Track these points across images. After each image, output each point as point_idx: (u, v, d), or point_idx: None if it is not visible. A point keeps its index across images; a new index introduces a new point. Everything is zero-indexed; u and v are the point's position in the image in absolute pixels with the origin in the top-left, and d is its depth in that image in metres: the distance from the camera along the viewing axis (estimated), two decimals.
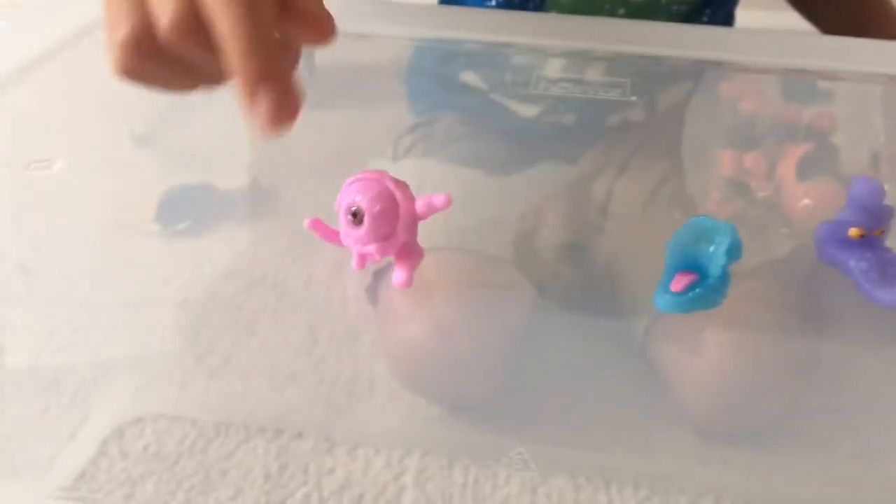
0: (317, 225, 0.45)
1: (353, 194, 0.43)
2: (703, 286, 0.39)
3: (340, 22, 0.38)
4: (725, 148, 0.58)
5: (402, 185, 0.43)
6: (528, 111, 0.62)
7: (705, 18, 0.75)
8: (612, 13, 0.70)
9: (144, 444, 0.42)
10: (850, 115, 0.61)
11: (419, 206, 0.42)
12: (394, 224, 0.42)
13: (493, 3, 0.73)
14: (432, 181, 0.59)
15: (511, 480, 0.41)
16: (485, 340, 0.46)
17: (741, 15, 0.83)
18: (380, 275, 0.50)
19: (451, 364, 0.45)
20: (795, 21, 0.85)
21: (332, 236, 0.45)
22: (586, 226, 0.56)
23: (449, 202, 0.42)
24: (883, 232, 0.42)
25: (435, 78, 0.68)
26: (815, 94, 0.61)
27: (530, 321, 0.48)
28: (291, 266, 0.52)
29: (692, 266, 0.40)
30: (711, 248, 0.40)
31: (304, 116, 0.65)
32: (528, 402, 0.44)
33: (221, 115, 0.66)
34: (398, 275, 0.43)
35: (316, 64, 0.69)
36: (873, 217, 0.41)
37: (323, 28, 0.38)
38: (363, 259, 0.44)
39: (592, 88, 0.60)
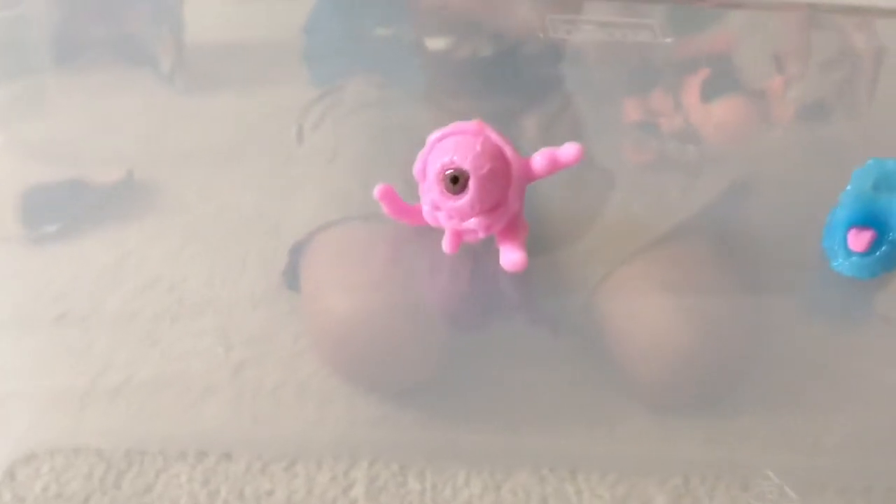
0: (388, 195, 0.36)
1: (447, 153, 0.33)
2: (890, 243, 0.34)
3: None
4: (628, 96, 0.56)
5: (507, 140, 0.34)
6: (438, 44, 0.58)
7: None
8: None
9: (43, 485, 0.36)
10: (748, 35, 0.61)
11: (538, 162, 0.33)
12: (505, 189, 0.34)
13: None
14: (348, 156, 0.55)
15: (472, 481, 0.37)
16: (421, 316, 0.42)
17: None
18: (298, 251, 0.45)
19: (387, 343, 0.41)
20: None
21: (408, 212, 0.37)
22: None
23: (580, 153, 0.34)
24: None
25: (335, 37, 0.62)
26: (709, 20, 0.61)
27: (474, 294, 0.45)
28: (189, 265, 0.47)
29: (867, 219, 0.35)
30: None
31: (178, 101, 0.59)
32: (477, 391, 0.40)
33: (83, 101, 0.59)
34: (512, 255, 0.35)
35: (186, 42, 0.63)
36: None
37: None
38: (459, 237, 0.35)
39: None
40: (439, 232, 0.38)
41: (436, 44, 0.58)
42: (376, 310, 0.41)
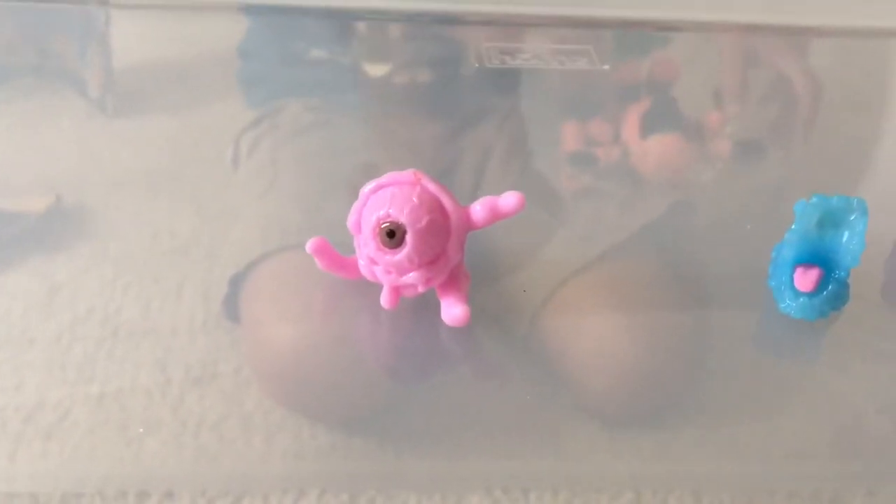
0: (321, 249, 0.34)
1: (382, 205, 0.32)
2: (837, 281, 0.34)
3: None
4: (568, 120, 0.56)
5: (445, 189, 0.33)
6: (378, 70, 0.57)
7: None
8: None
9: None
10: (688, 60, 0.62)
11: (478, 213, 0.33)
12: (445, 242, 0.33)
13: None
14: (286, 182, 0.54)
15: None
16: (368, 338, 0.42)
17: None
18: (237, 281, 0.44)
19: (331, 373, 0.40)
20: None
21: (344, 266, 0.35)
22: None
23: (521, 203, 0.33)
24: None
25: (270, 60, 0.61)
26: (652, 44, 0.61)
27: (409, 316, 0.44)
28: (123, 295, 0.45)
29: (812, 257, 0.34)
30: (846, 236, 0.34)
31: (108, 126, 0.58)
32: (426, 415, 0.40)
33: (8, 128, 0.57)
34: (453, 310, 0.34)
35: (115, 64, 0.62)
36: None
37: None
38: (397, 293, 0.34)
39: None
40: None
41: (376, 70, 0.58)
42: (319, 340, 0.40)
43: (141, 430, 0.37)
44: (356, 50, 0.60)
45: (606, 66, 0.56)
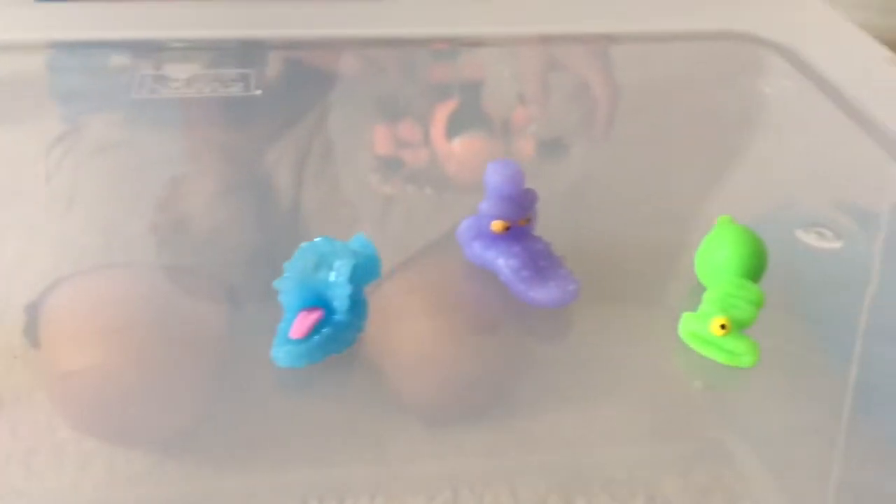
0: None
1: None
2: (331, 324, 0.34)
3: None
4: (377, 123, 0.56)
5: None
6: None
7: None
8: None
9: None
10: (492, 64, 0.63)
11: None
12: None
13: None
14: (87, 201, 0.53)
15: None
16: (169, 365, 0.41)
17: None
18: (34, 308, 0.43)
19: (136, 396, 0.40)
20: None
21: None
22: (266, 219, 0.53)
23: None
24: (529, 220, 0.39)
25: (77, 72, 0.60)
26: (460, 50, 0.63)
27: (226, 333, 0.44)
28: None
29: (314, 300, 0.35)
30: (332, 277, 0.34)
31: None
32: (241, 431, 0.39)
33: None
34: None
35: None
36: (515, 205, 0.38)
37: None
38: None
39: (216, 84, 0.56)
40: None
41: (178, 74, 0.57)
42: (120, 362, 0.39)
43: None
44: (158, 58, 0.60)
45: (259, 92, 0.56)
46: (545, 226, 0.40)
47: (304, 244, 0.36)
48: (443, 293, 0.44)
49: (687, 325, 0.38)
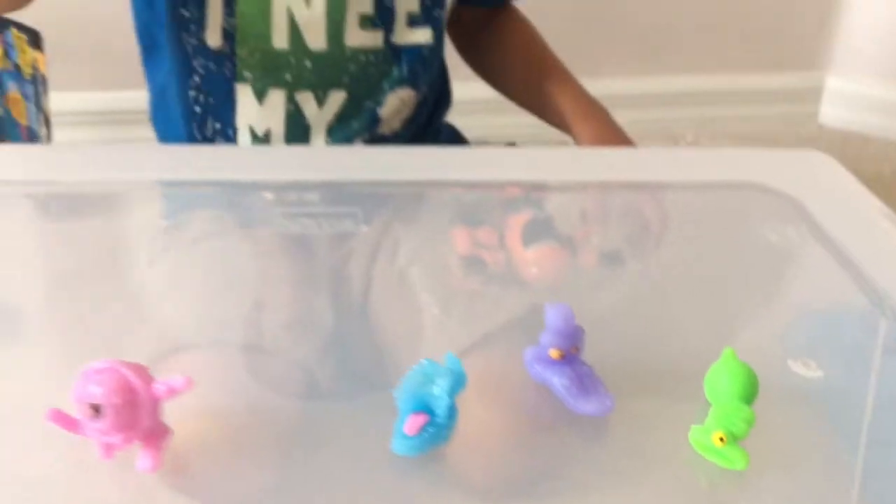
0: (57, 417, 0.43)
1: (88, 386, 0.42)
2: (434, 425, 0.45)
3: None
4: (459, 225, 0.66)
5: (139, 370, 0.43)
6: (268, 215, 0.68)
7: (401, 68, 0.80)
8: (298, 65, 0.76)
9: None
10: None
11: (159, 389, 0.43)
12: (136, 412, 0.42)
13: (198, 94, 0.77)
14: (191, 280, 0.63)
15: None
16: (258, 429, 0.49)
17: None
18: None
19: (228, 460, 0.47)
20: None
21: (75, 426, 0.43)
22: (347, 310, 0.62)
23: (190, 384, 0.43)
24: (577, 350, 0.49)
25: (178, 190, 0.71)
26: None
27: (302, 408, 0.53)
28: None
29: (422, 406, 0.45)
30: (436, 391, 0.45)
31: (40, 227, 0.65)
32: (312, 491, 0.46)
33: None
34: (144, 461, 0.43)
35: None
36: (567, 339, 0.49)
37: None
38: (110, 449, 0.43)
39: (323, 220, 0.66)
40: None
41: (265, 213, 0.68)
42: (212, 431, 0.48)
43: None
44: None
45: (365, 228, 0.65)
46: (590, 350, 0.51)
47: (415, 365, 0.47)
48: (507, 395, 0.53)
49: (694, 435, 0.49)
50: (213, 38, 0.74)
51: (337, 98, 0.77)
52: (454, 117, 0.93)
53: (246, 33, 0.73)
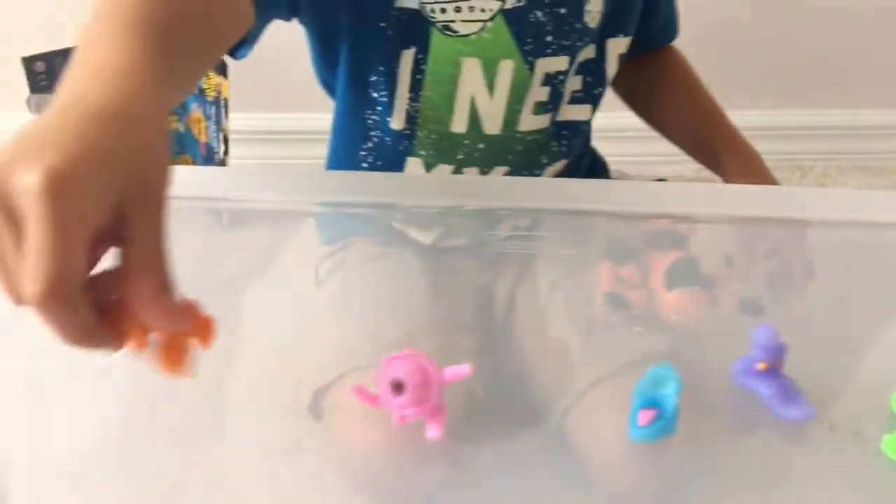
0: (361, 393, 0.52)
1: (394, 369, 0.51)
2: (664, 418, 0.51)
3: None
4: (604, 261, 0.66)
5: (429, 359, 0.51)
6: (426, 238, 0.71)
7: (560, 143, 0.81)
8: (471, 146, 0.77)
9: None
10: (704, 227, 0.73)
11: (447, 374, 0.51)
12: (428, 391, 0.50)
13: (368, 154, 0.80)
14: (356, 298, 0.67)
15: None
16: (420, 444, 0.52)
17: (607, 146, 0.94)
18: (321, 394, 0.57)
19: (400, 464, 0.53)
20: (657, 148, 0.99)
21: (375, 400, 0.52)
22: (494, 327, 0.65)
23: (471, 370, 0.51)
24: (781, 363, 0.55)
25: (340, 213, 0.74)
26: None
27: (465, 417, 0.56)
28: (230, 380, 0.56)
29: (651, 403, 0.52)
30: (667, 391, 0.52)
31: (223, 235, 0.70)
32: (475, 496, 0.51)
33: None
34: (433, 431, 0.51)
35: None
36: (773, 353, 0.54)
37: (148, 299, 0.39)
38: (403, 419, 0.51)
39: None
40: None
41: (423, 237, 0.71)
42: (394, 445, 0.53)
43: None
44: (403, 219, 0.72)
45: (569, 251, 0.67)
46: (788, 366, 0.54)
47: (652, 367, 0.53)
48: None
49: (888, 444, 0.52)
50: (397, 122, 0.75)
51: (499, 172, 0.79)
52: None
53: (427, 117, 0.75)
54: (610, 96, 0.85)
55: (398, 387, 0.50)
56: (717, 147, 0.84)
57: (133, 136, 0.39)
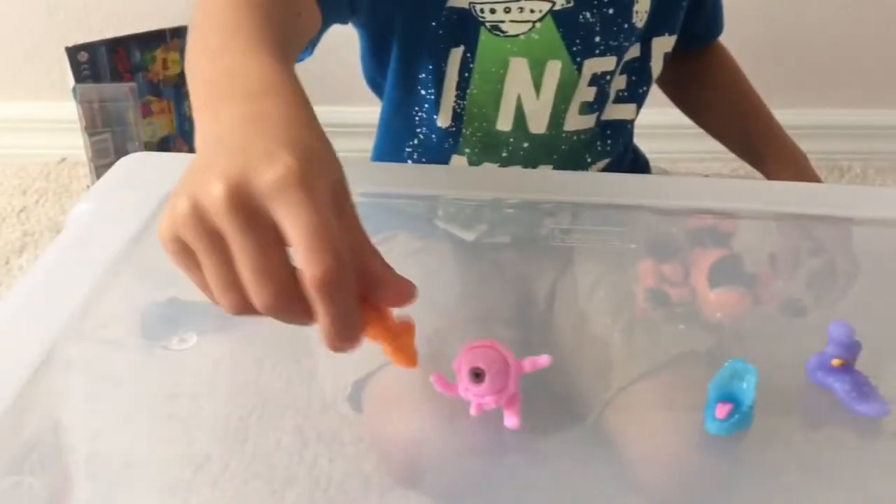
0: (439, 381, 0.52)
1: (473, 358, 0.51)
2: (740, 413, 0.50)
3: None
4: (646, 258, 0.65)
5: (509, 351, 0.51)
6: (468, 235, 0.69)
7: (605, 142, 0.80)
8: (516, 145, 0.77)
9: None
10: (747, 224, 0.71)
11: (526, 364, 0.51)
12: (506, 380, 0.50)
13: (414, 151, 0.79)
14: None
15: None
16: (460, 435, 0.52)
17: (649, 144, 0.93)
18: (359, 385, 0.56)
19: (440, 458, 0.51)
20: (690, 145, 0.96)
21: (451, 389, 0.51)
22: (534, 321, 0.64)
23: (550, 361, 0.51)
24: (855, 360, 0.54)
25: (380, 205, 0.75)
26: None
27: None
28: (271, 371, 0.56)
29: (727, 397, 0.51)
30: (744, 385, 0.51)
31: None
32: (512, 491, 0.50)
33: None
34: (511, 419, 0.50)
35: None
36: (849, 350, 0.54)
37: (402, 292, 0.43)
38: (480, 406, 0.51)
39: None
40: None
41: (466, 235, 0.69)
42: (434, 437, 0.52)
43: None
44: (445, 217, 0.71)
45: (633, 245, 0.66)
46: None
47: (729, 361, 0.52)
48: (681, 396, 0.56)
49: None
50: (444, 119, 0.76)
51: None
52: None
53: (473, 115, 0.76)
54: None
55: (477, 375, 0.50)
56: (761, 145, 0.84)
57: (326, 140, 0.42)
